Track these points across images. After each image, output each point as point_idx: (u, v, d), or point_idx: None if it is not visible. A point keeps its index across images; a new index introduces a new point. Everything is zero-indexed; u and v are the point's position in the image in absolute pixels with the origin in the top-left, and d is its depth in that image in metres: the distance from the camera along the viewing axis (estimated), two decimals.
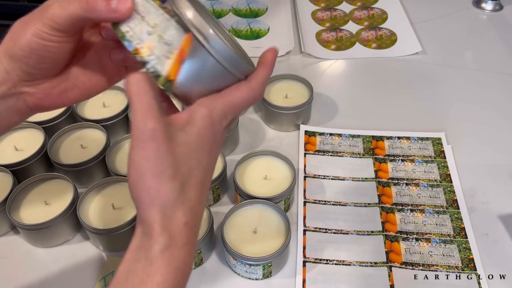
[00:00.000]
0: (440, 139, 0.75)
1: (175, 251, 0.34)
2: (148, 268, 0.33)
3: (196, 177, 0.36)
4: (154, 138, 0.33)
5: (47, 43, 0.37)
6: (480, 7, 1.05)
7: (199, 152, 0.36)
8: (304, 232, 0.63)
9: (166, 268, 0.33)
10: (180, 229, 0.34)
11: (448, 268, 0.59)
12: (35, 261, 0.62)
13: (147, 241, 0.34)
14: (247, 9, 1.06)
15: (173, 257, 0.34)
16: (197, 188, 0.36)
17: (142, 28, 0.36)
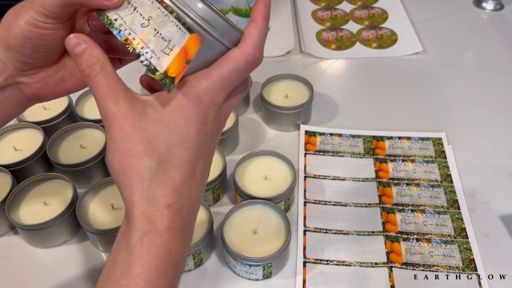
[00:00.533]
0: (440, 139, 0.75)
1: (155, 237, 0.31)
2: (129, 258, 0.31)
3: (180, 156, 0.33)
4: (116, 119, 0.33)
5: (40, 30, 0.36)
6: (480, 6, 1.05)
7: (182, 129, 0.33)
8: (304, 232, 0.63)
9: (145, 257, 0.31)
10: (161, 212, 0.32)
11: (449, 268, 0.59)
12: (34, 261, 0.62)
13: (127, 227, 0.32)
14: (247, 8, 1.06)
15: (154, 244, 0.31)
16: (182, 168, 0.33)
17: (134, 18, 0.34)
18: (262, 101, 0.77)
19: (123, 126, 0.32)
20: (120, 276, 0.32)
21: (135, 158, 0.32)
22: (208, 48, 0.34)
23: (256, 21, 0.35)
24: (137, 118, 0.33)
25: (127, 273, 0.31)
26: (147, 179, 0.32)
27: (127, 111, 0.33)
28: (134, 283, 0.31)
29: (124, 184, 0.32)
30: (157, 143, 0.33)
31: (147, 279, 0.31)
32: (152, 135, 0.33)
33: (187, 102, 0.33)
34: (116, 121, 0.33)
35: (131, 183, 0.32)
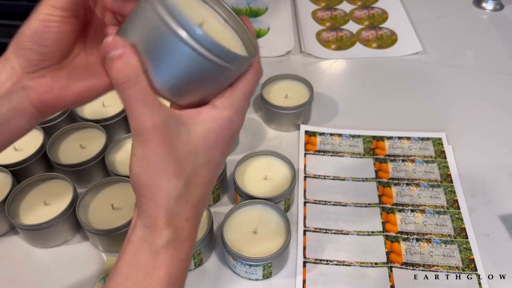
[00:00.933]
0: (440, 139, 0.75)
1: (178, 245, 0.35)
2: (153, 261, 0.34)
3: (202, 176, 0.36)
4: (151, 140, 0.33)
5: (46, 22, 0.36)
6: (480, 6, 1.05)
7: (209, 151, 0.35)
8: (304, 232, 0.63)
9: (170, 261, 0.34)
10: (182, 224, 0.35)
11: (449, 268, 0.59)
12: (35, 261, 0.62)
13: (150, 234, 0.35)
14: (247, 8, 1.06)
15: (177, 251, 0.35)
16: (202, 187, 0.36)
17: None
18: (262, 101, 0.77)
19: (158, 147, 0.33)
20: (143, 277, 0.34)
21: (165, 178, 0.34)
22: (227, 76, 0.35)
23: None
24: (171, 139, 0.34)
25: (151, 274, 0.34)
26: (174, 197, 0.35)
27: (162, 131, 0.33)
28: (158, 283, 0.34)
29: (148, 198, 0.34)
30: (185, 163, 0.34)
31: (169, 280, 0.35)
32: (182, 155, 0.34)
33: (219, 125, 0.35)
34: (152, 142, 0.33)
35: (158, 199, 0.34)
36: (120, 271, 0.35)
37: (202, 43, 0.32)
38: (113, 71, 0.33)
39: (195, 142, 0.35)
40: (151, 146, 0.33)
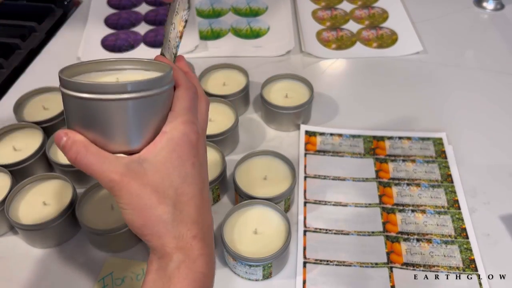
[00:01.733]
0: (441, 139, 0.75)
1: (190, 264, 0.37)
2: (168, 284, 0.36)
3: (186, 193, 0.38)
4: (122, 187, 0.36)
5: None
6: (481, 6, 1.04)
7: (179, 169, 0.38)
8: (305, 232, 0.63)
9: (184, 281, 0.36)
10: (190, 243, 0.37)
11: (449, 268, 0.59)
12: (34, 261, 0.61)
13: (164, 261, 0.37)
14: (247, 8, 1.06)
15: (189, 270, 0.36)
16: (191, 203, 0.38)
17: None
18: (262, 101, 0.77)
19: (131, 189, 0.36)
20: None
21: (152, 210, 0.36)
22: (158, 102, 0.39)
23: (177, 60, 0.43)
24: (139, 177, 0.37)
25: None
26: (169, 222, 0.37)
27: (129, 175, 0.36)
28: None
29: (150, 234, 0.37)
30: (164, 189, 0.37)
31: None
32: (157, 185, 0.37)
33: (175, 144, 0.38)
34: (123, 188, 0.36)
35: (157, 230, 0.37)
36: None
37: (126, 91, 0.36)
38: (67, 155, 0.37)
39: (162, 168, 0.37)
40: (126, 191, 0.36)
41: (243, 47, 0.94)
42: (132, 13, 1.06)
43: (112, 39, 0.98)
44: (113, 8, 1.08)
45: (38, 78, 0.89)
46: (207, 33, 0.99)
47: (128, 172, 0.36)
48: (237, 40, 0.97)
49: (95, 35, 0.99)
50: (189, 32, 0.98)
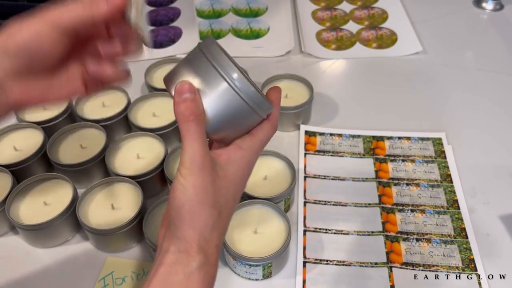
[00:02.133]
0: (440, 139, 0.75)
1: (209, 268, 0.39)
2: (186, 282, 0.37)
3: (230, 207, 0.41)
4: (203, 171, 0.38)
5: (43, 42, 0.38)
6: (480, 6, 1.05)
7: (237, 186, 0.41)
8: (304, 232, 0.63)
9: (202, 282, 0.38)
10: (213, 250, 0.39)
11: (449, 268, 0.59)
12: (35, 261, 0.62)
13: (185, 258, 0.38)
14: (247, 8, 1.06)
15: (207, 273, 0.39)
16: (228, 217, 0.42)
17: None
18: None
19: (206, 178, 0.38)
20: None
21: (207, 207, 0.39)
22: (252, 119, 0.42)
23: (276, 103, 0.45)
24: (214, 173, 0.39)
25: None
26: (210, 225, 0.39)
27: (208, 167, 0.39)
28: None
29: (188, 225, 0.38)
30: (220, 196, 0.40)
31: None
32: (218, 189, 0.39)
33: (245, 164, 0.42)
34: (203, 173, 0.38)
35: (197, 225, 0.38)
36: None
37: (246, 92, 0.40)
38: (186, 109, 0.38)
39: (228, 179, 0.40)
40: (201, 177, 0.38)
41: (243, 48, 0.95)
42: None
43: None
44: None
45: None
46: (207, 33, 0.99)
47: (209, 164, 0.39)
48: (237, 41, 0.97)
49: None
50: (189, 33, 0.98)
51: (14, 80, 0.40)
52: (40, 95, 0.43)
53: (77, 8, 0.38)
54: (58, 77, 0.43)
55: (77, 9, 0.38)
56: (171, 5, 1.08)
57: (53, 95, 0.43)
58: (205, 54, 0.40)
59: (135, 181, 0.63)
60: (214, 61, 0.40)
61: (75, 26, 0.39)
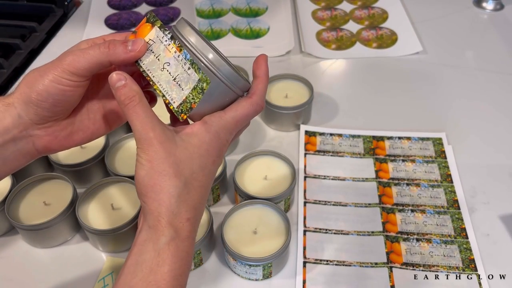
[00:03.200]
0: (440, 139, 0.75)
1: (179, 242, 0.38)
2: (156, 259, 0.37)
3: (199, 180, 0.40)
4: (153, 144, 0.38)
5: (64, 87, 0.41)
6: (480, 6, 1.05)
7: (203, 159, 0.40)
8: (304, 232, 0.63)
9: (172, 258, 0.37)
10: (183, 223, 0.38)
11: (449, 268, 0.59)
12: (34, 261, 0.62)
13: (154, 234, 0.38)
14: (247, 8, 1.06)
15: (178, 248, 0.38)
16: (200, 190, 0.40)
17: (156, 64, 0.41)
18: None
19: (159, 150, 0.38)
20: (148, 273, 0.37)
21: (167, 177, 0.38)
22: (221, 93, 0.41)
23: (261, 77, 0.43)
24: (170, 145, 0.39)
25: (155, 271, 0.37)
26: (175, 196, 0.38)
27: (162, 137, 0.39)
28: (162, 278, 0.37)
29: (152, 198, 0.38)
30: (183, 167, 0.39)
31: (173, 276, 0.37)
32: (180, 160, 0.39)
33: (209, 138, 0.40)
34: (153, 145, 0.38)
35: (160, 198, 0.38)
36: (127, 271, 0.38)
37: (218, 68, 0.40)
38: (121, 96, 0.39)
39: (190, 150, 0.40)
40: (153, 150, 0.38)
41: (243, 48, 0.95)
42: (132, 13, 1.06)
43: None
44: (113, 8, 1.08)
45: None
46: (207, 33, 0.99)
47: (162, 135, 0.39)
48: (237, 41, 0.97)
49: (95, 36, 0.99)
50: None
51: (41, 128, 0.43)
52: (66, 139, 0.45)
53: (94, 53, 0.40)
54: (80, 119, 0.46)
55: (95, 54, 0.40)
56: (171, 5, 1.08)
57: (78, 137, 0.46)
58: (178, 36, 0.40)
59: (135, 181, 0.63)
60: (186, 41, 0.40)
61: (93, 69, 0.41)
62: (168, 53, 0.40)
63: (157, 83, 0.41)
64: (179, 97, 0.40)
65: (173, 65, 0.40)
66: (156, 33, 0.41)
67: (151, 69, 0.41)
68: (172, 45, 0.40)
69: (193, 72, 0.40)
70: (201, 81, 0.40)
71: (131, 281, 0.37)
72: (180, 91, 0.40)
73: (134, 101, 0.39)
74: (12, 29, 0.97)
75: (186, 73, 0.40)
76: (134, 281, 0.37)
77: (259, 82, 0.43)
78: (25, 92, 0.41)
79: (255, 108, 0.42)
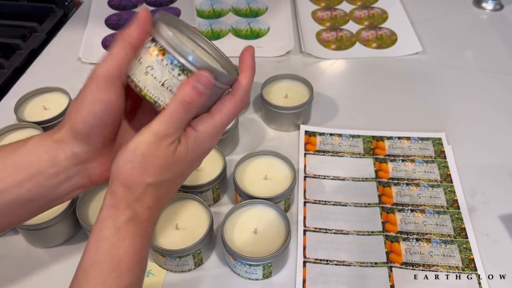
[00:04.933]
0: (440, 139, 0.75)
1: (137, 223, 0.39)
2: (117, 234, 0.38)
3: (175, 183, 0.42)
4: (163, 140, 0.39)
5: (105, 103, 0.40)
6: (480, 6, 1.05)
7: (184, 165, 0.40)
8: (304, 232, 0.63)
9: (132, 234, 0.39)
10: (144, 209, 0.39)
11: (449, 268, 0.59)
12: (34, 261, 0.62)
13: (114, 212, 0.39)
14: (247, 8, 1.06)
15: (136, 227, 0.39)
16: (170, 189, 0.42)
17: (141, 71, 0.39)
18: (262, 101, 0.77)
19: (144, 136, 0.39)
20: (110, 248, 0.38)
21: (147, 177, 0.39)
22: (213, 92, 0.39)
23: (245, 72, 0.42)
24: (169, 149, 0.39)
25: (116, 246, 0.38)
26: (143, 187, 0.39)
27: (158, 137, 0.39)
28: (123, 252, 0.38)
29: (121, 181, 0.39)
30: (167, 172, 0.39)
31: (134, 250, 0.39)
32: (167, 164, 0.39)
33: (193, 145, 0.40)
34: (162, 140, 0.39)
35: (131, 188, 0.39)
36: (89, 248, 0.39)
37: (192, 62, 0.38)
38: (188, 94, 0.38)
39: (177, 156, 0.39)
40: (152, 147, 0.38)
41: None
42: (133, 13, 1.06)
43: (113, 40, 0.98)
44: (114, 8, 1.08)
45: (38, 78, 0.89)
46: (207, 33, 0.99)
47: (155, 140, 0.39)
48: (237, 41, 0.97)
49: (95, 36, 0.99)
50: None
51: (94, 159, 0.42)
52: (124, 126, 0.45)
53: (116, 52, 0.39)
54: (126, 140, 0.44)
55: (118, 53, 0.39)
56: (171, 5, 1.08)
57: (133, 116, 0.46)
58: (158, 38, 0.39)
59: None
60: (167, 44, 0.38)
61: (123, 68, 0.40)
62: (150, 56, 0.38)
63: (144, 88, 0.39)
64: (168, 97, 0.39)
65: (158, 70, 0.38)
66: None
67: (135, 73, 0.39)
68: (153, 48, 0.38)
69: (184, 78, 0.38)
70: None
71: (94, 257, 0.38)
72: (172, 95, 0.38)
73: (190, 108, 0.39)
74: (13, 29, 0.97)
75: (176, 78, 0.38)
76: (97, 256, 0.38)
77: (243, 77, 0.42)
78: (71, 125, 0.40)
79: (240, 104, 0.41)
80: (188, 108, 0.38)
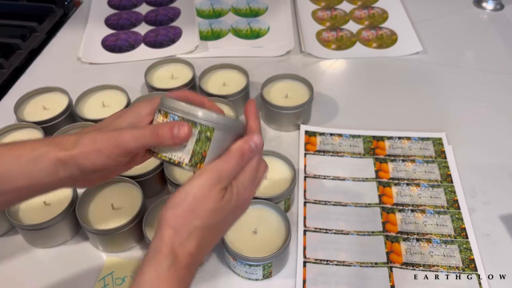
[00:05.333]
0: (440, 139, 0.75)
1: (178, 269, 0.41)
2: (157, 280, 0.40)
3: (218, 230, 0.45)
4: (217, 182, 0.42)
5: (114, 162, 0.43)
6: (481, 6, 1.05)
7: (228, 210, 0.43)
8: (305, 232, 0.63)
9: (171, 281, 0.40)
10: (185, 255, 0.41)
11: (449, 268, 0.59)
12: (34, 261, 0.62)
13: (158, 256, 0.41)
14: (247, 8, 1.06)
15: (176, 273, 0.40)
16: (213, 237, 0.44)
17: None
18: (262, 101, 0.77)
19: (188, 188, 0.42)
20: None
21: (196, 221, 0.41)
22: (223, 137, 0.44)
23: (251, 117, 0.46)
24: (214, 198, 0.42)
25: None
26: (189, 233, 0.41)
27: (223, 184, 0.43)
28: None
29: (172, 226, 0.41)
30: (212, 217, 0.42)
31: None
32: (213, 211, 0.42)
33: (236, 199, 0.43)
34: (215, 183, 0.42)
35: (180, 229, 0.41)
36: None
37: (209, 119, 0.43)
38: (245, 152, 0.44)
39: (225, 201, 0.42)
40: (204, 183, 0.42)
41: (243, 48, 0.94)
42: (132, 13, 1.06)
43: (113, 40, 0.98)
44: (114, 8, 1.08)
45: (38, 78, 0.89)
46: (207, 33, 0.99)
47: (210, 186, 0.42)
48: (237, 41, 0.97)
49: (95, 36, 0.99)
50: (189, 33, 0.98)
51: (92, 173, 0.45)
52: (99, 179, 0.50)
53: (143, 135, 0.43)
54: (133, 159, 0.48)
55: (144, 137, 0.43)
56: (171, 5, 1.08)
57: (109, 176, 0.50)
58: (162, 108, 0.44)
59: (135, 181, 0.63)
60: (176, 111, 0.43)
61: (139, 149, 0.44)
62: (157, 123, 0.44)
63: (159, 151, 0.44)
64: (186, 153, 0.43)
65: None
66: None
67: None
68: (159, 116, 0.44)
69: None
70: (203, 132, 0.42)
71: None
72: (183, 148, 0.43)
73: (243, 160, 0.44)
74: (12, 29, 0.97)
75: None
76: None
77: (252, 120, 0.46)
78: (80, 156, 0.43)
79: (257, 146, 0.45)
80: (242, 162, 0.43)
